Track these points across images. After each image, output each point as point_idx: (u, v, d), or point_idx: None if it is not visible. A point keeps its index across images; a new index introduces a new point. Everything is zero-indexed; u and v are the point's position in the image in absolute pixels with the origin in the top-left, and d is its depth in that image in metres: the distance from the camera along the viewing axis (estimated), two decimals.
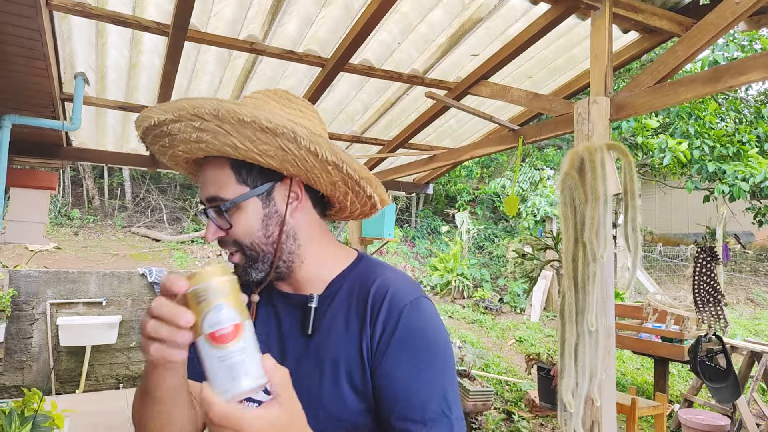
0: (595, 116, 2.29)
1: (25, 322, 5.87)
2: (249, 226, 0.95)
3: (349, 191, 1.00)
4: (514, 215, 6.39)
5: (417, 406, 0.89)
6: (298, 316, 1.00)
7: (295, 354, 0.97)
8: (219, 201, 0.94)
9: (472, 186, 13.84)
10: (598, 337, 2.17)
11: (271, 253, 0.97)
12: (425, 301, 0.97)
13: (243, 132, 0.88)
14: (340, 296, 0.99)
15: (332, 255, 1.04)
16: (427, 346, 0.92)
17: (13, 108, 2.99)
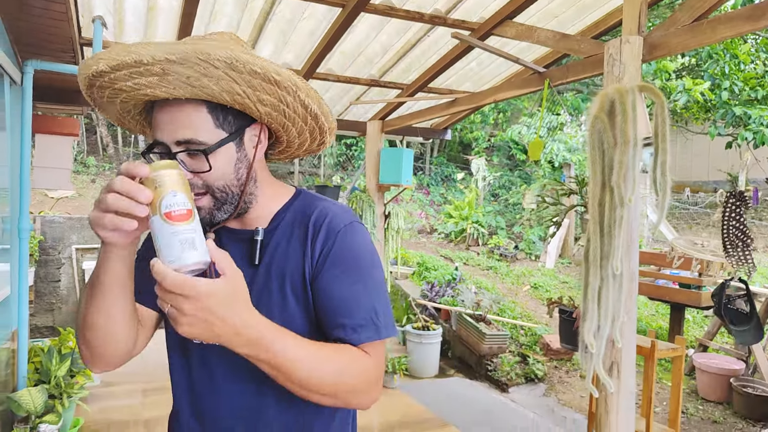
0: (627, 57, 2.23)
1: (52, 266, 6.03)
2: (224, 169, 0.98)
3: (309, 138, 1.09)
4: (538, 159, 6.32)
5: (348, 314, 1.00)
6: (244, 249, 1.06)
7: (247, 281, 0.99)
8: (196, 144, 0.95)
9: (488, 132, 13.67)
10: (622, 281, 2.18)
11: (238, 195, 1.01)
12: (359, 226, 1.08)
13: (251, 81, 0.91)
14: (283, 226, 1.07)
15: (276, 192, 1.11)
16: (358, 264, 1.04)
17: (34, 53, 2.97)
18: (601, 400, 2.39)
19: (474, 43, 3.15)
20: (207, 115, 0.95)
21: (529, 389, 5.40)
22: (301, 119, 1.02)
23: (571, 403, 5.09)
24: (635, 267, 2.31)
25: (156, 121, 0.96)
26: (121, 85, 0.92)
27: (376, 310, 1.02)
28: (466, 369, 5.88)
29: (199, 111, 0.95)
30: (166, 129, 0.95)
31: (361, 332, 1.00)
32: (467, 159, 13.21)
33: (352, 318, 1.00)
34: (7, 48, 2.68)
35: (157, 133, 0.97)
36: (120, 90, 0.94)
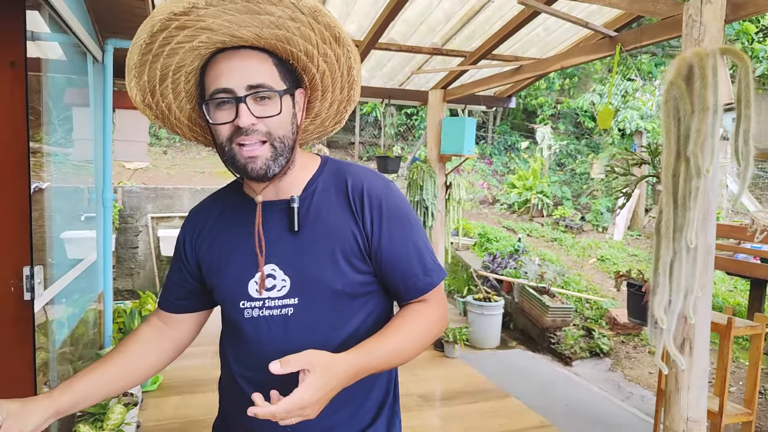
0: (709, 17, 2.10)
1: (131, 234, 6.40)
2: (285, 118, 1.04)
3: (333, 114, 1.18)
4: (609, 128, 6.07)
5: (416, 263, 1.12)
6: (284, 218, 1.10)
7: (288, 248, 1.09)
8: (267, 89, 1.00)
9: (554, 99, 13.22)
10: (696, 254, 2.10)
11: (290, 150, 1.06)
12: (392, 184, 1.16)
13: (323, 34, 1.00)
14: (318, 194, 1.12)
15: (305, 160, 1.16)
16: (407, 218, 1.13)
17: (113, 32, 3.11)
18: (671, 377, 2.33)
19: (540, 8, 3.04)
20: (273, 66, 1.03)
21: (593, 363, 5.32)
22: (340, 86, 1.11)
23: (638, 379, 4.98)
24: (712, 240, 2.21)
25: (221, 69, 1.00)
26: (209, 22, 0.94)
27: (432, 253, 1.15)
28: (528, 341, 5.84)
29: (267, 61, 1.02)
30: (236, 74, 1.00)
31: (433, 275, 1.13)
32: (532, 127, 12.86)
33: (421, 265, 1.12)
34: (90, 28, 2.81)
35: (222, 80, 1.00)
36: (203, 29, 0.96)
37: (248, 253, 1.10)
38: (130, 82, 1.03)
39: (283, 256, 1.09)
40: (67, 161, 2.91)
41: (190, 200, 6.73)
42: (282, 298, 1.07)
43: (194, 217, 1.23)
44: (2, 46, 1.68)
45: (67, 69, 2.77)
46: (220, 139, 1.03)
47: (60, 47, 2.59)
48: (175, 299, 1.24)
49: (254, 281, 1.09)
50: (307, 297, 1.07)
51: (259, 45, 1.02)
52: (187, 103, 1.12)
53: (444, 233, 5.25)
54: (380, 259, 1.10)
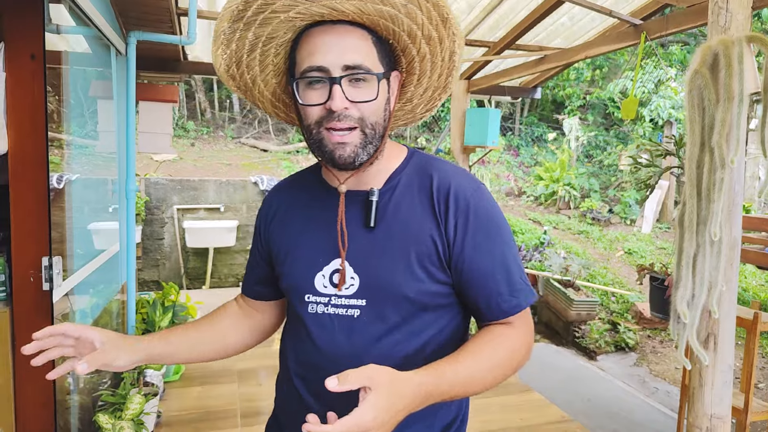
0: (735, 4, 2.02)
1: (156, 225, 6.51)
2: (379, 104, 0.95)
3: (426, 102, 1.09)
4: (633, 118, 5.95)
5: (503, 280, 0.99)
6: (358, 211, 1.02)
7: (360, 244, 1.00)
8: (364, 70, 0.92)
9: (583, 90, 12.99)
10: (721, 247, 2.04)
11: (380, 138, 0.98)
12: (484, 188, 1.04)
13: (430, 13, 0.92)
14: (400, 190, 1.02)
15: (390, 151, 1.06)
16: (497, 226, 1.01)
17: (135, 25, 3.14)
18: (694, 373, 2.27)
19: None
20: (372, 46, 0.94)
21: (618, 358, 5.24)
22: (439, 72, 1.02)
23: (664, 375, 4.89)
24: (738, 233, 2.15)
25: (315, 45, 0.92)
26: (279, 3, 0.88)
27: (521, 270, 1.03)
28: (553, 335, 5.78)
29: (366, 39, 0.94)
30: (332, 51, 0.91)
31: (520, 295, 1.00)
32: (559, 119, 12.67)
33: (509, 283, 0.99)
34: (113, 21, 2.85)
35: (316, 57, 0.91)
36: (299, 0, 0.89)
37: (320, 243, 1.03)
38: (216, 50, 0.96)
39: (355, 253, 1.00)
40: (91, 153, 2.97)
41: (216, 192, 6.81)
42: (349, 297, 0.99)
43: (270, 198, 1.18)
44: (23, 39, 1.71)
45: (90, 62, 2.82)
46: (308, 120, 0.96)
47: (83, 40, 2.64)
48: (252, 284, 1.21)
49: (321, 275, 1.02)
50: (375, 301, 0.98)
51: (360, 21, 0.93)
52: (273, 77, 1.04)
53: None
54: (461, 270, 0.99)
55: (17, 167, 1.65)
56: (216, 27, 0.94)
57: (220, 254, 6.84)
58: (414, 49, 0.98)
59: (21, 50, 1.69)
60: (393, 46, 1.00)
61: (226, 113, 13.01)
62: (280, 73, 1.04)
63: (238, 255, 6.96)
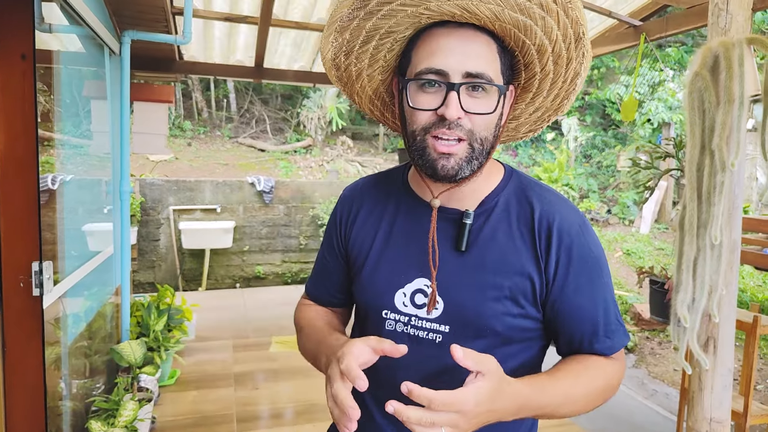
0: (735, 5, 2.00)
1: (152, 226, 6.47)
2: (494, 119, 0.89)
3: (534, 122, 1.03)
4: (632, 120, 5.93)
5: (601, 323, 0.94)
6: (450, 231, 0.96)
7: (448, 267, 0.94)
8: (486, 80, 0.86)
9: (581, 90, 12.97)
10: (721, 251, 2.02)
11: (487, 153, 0.91)
12: (588, 223, 0.98)
13: (566, 31, 0.85)
14: (496, 213, 0.96)
15: (490, 168, 0.99)
16: (599, 267, 0.95)
17: (130, 24, 3.11)
18: (694, 377, 2.26)
19: None
20: (496, 55, 0.88)
21: None
22: (556, 92, 0.95)
23: (662, 376, 4.87)
24: (738, 237, 2.13)
25: (437, 46, 0.86)
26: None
27: (617, 312, 0.98)
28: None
29: (491, 47, 0.87)
30: (455, 55, 0.85)
31: (615, 338, 0.95)
32: (557, 119, 12.66)
33: (605, 326, 0.94)
34: (106, 20, 2.82)
35: (436, 59, 0.85)
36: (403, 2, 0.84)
37: (404, 258, 0.97)
38: (328, 37, 0.91)
39: (441, 275, 0.94)
40: (85, 153, 2.94)
41: (212, 193, 6.78)
42: (432, 321, 0.94)
43: (351, 197, 1.10)
44: (13, 38, 1.68)
45: (83, 61, 2.79)
46: (414, 126, 0.89)
47: (76, 39, 2.61)
48: (332, 293, 1.13)
49: (402, 292, 0.96)
50: (459, 329, 0.93)
51: (491, 27, 0.86)
52: (380, 73, 0.98)
53: None
54: (558, 310, 0.94)
55: (7, 170, 1.62)
56: (333, 12, 0.89)
57: (217, 255, 6.80)
58: (539, 66, 0.91)
59: (11, 50, 1.66)
60: (517, 59, 0.93)
61: (223, 113, 12.97)
62: (388, 70, 0.98)
63: (234, 256, 6.93)
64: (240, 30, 3.92)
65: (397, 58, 0.95)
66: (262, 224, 7.07)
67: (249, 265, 7.05)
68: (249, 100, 13.19)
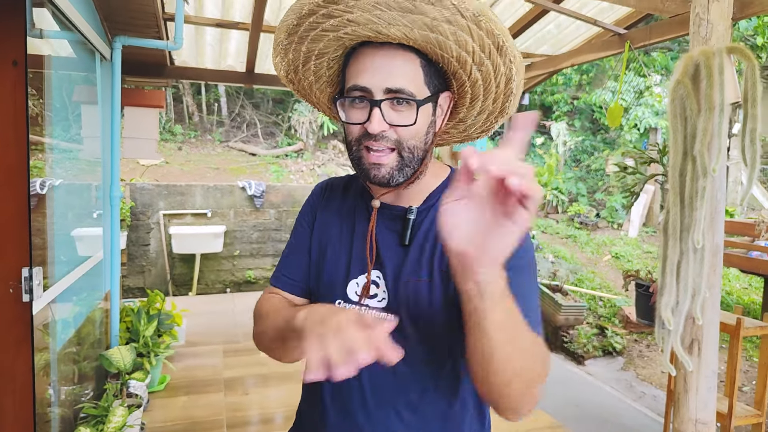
0: (716, 15, 2.05)
1: (142, 231, 6.45)
2: (420, 128, 0.95)
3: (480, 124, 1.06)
4: (618, 126, 6.00)
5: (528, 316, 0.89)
6: (395, 227, 1.03)
7: (395, 260, 1.01)
8: (406, 95, 0.91)
9: (570, 95, 13.08)
10: (704, 254, 2.06)
11: (419, 160, 0.98)
12: None
13: (482, 41, 0.88)
14: (437, 209, 0.96)
15: (433, 169, 1.06)
16: (525, 258, 0.95)
17: (121, 30, 3.12)
18: (679, 379, 2.29)
19: (547, 6, 3.00)
20: (419, 68, 0.93)
21: (606, 362, 5.26)
22: (493, 97, 0.99)
23: (650, 379, 4.92)
24: (720, 240, 2.17)
25: (362, 65, 0.93)
26: (357, 15, 0.89)
27: (537, 308, 0.97)
28: None
29: (413, 62, 0.93)
30: (378, 74, 0.91)
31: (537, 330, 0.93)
32: (546, 124, 12.75)
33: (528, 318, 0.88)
34: (98, 26, 2.83)
35: (361, 78, 0.92)
36: (350, 21, 0.90)
37: (359, 251, 1.04)
38: (275, 58, 1.01)
39: (389, 268, 1.01)
40: (75, 158, 2.94)
41: (203, 197, 6.77)
42: (380, 310, 1.00)
43: (322, 192, 1.18)
44: (5, 45, 1.69)
45: (74, 66, 2.79)
46: (350, 137, 0.98)
47: (67, 45, 2.61)
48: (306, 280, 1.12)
49: (356, 282, 1.03)
50: (404, 318, 0.97)
51: (408, 44, 0.92)
52: (327, 86, 1.08)
53: None
54: None
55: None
56: (275, 37, 0.99)
57: (207, 260, 6.79)
58: (464, 74, 0.96)
59: (2, 56, 1.67)
60: (444, 69, 0.98)
61: (214, 117, 12.94)
62: (334, 84, 1.08)
63: (225, 261, 6.92)
64: (231, 36, 3.93)
65: (339, 74, 1.04)
66: (252, 228, 7.07)
67: (240, 269, 7.04)
68: (240, 104, 13.17)
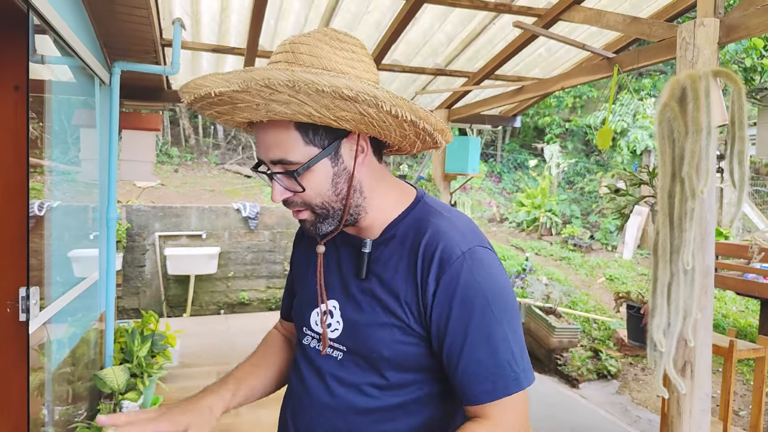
0: (702, 40, 2.11)
1: (138, 252, 6.44)
2: (319, 186, 0.93)
3: (418, 141, 0.97)
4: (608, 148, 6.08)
5: (483, 363, 0.90)
6: (354, 258, 1.03)
7: (351, 292, 1.01)
8: (287, 164, 0.91)
9: (563, 117, 13.24)
10: (694, 275, 2.08)
11: (340, 209, 0.96)
12: (480, 251, 0.94)
13: (320, 101, 0.83)
14: (394, 242, 0.99)
15: (392, 200, 1.03)
16: (485, 303, 0.90)
17: (120, 55, 3.17)
18: (672, 402, 2.29)
19: (536, 31, 3.07)
20: (295, 132, 0.90)
21: (601, 386, 5.25)
22: (397, 126, 0.90)
23: (646, 402, 4.90)
24: (710, 261, 2.20)
25: (256, 138, 0.95)
26: (207, 112, 0.94)
27: (512, 357, 0.91)
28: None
29: (288, 129, 0.89)
30: (261, 148, 0.94)
31: (498, 381, 0.90)
32: (539, 147, 12.87)
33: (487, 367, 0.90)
34: (97, 52, 2.88)
35: (257, 151, 0.97)
36: (210, 115, 0.95)
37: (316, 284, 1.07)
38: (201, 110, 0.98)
39: (345, 299, 1.02)
40: (73, 180, 2.96)
41: (198, 219, 6.78)
42: (333, 341, 1.02)
43: (300, 229, 1.23)
44: (7, 70, 1.73)
45: (74, 91, 2.83)
46: None
47: (68, 70, 2.65)
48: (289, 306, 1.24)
49: (316, 312, 1.05)
50: (355, 350, 0.99)
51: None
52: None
53: None
54: (440, 341, 0.93)
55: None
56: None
57: (202, 281, 6.78)
58: (334, 123, 0.88)
59: (4, 81, 1.71)
60: None
61: (210, 139, 13.00)
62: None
63: (219, 282, 6.91)
64: (227, 60, 3.99)
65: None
66: (247, 250, 7.07)
67: (233, 290, 7.02)
68: None
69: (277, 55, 0.92)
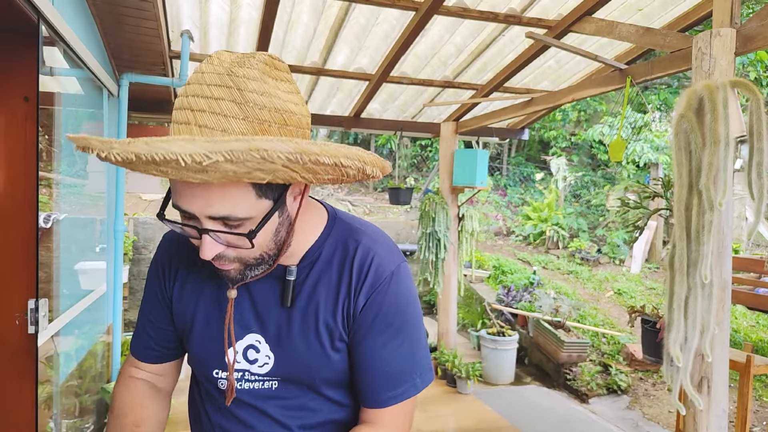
0: (718, 50, 2.09)
1: (144, 265, 6.43)
2: (264, 242, 0.85)
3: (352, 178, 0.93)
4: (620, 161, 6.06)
5: (392, 379, 0.96)
6: (274, 289, 0.96)
7: (278, 322, 0.95)
8: (234, 221, 0.79)
9: (569, 131, 13.22)
10: (712, 290, 2.04)
11: (275, 255, 0.89)
12: (403, 268, 0.99)
13: (313, 169, 0.74)
14: (319, 265, 0.96)
15: (311, 224, 0.98)
16: (404, 319, 0.96)
17: (128, 67, 3.18)
18: (688, 418, 2.25)
19: (548, 42, 3.06)
20: (248, 187, 0.78)
21: (611, 401, 5.17)
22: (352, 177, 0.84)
23: (657, 418, 4.82)
24: (728, 275, 2.16)
25: (180, 188, 0.78)
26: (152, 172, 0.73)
27: (417, 365, 0.98)
28: (544, 377, 5.71)
29: (238, 184, 0.77)
30: (196, 201, 0.78)
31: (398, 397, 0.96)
32: (546, 159, 12.85)
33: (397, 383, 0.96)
34: (106, 64, 2.88)
35: (181, 200, 0.79)
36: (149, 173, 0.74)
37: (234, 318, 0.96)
38: None
39: (271, 331, 0.95)
40: (80, 192, 2.95)
41: None
42: (263, 376, 0.96)
43: (169, 250, 1.05)
44: (17, 81, 1.72)
45: (82, 103, 2.83)
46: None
47: (76, 81, 2.65)
48: (160, 345, 1.07)
49: (234, 350, 0.96)
50: (291, 381, 0.96)
51: None
52: None
53: (456, 265, 5.21)
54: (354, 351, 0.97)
55: (6, 209, 1.63)
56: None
57: None
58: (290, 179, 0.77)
59: (14, 92, 1.70)
60: None
61: None
62: None
63: None
64: None
65: None
66: None
67: None
68: None
69: (212, 88, 0.75)
